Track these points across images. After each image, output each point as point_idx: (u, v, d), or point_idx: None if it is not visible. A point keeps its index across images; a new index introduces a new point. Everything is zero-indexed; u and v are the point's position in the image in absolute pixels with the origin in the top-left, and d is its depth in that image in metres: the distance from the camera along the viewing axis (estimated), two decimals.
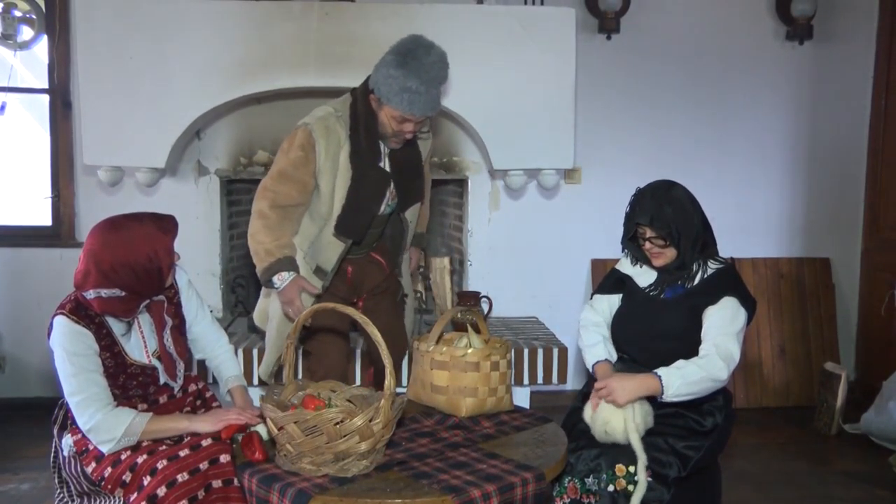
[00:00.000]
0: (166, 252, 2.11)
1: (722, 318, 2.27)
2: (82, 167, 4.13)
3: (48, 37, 4.21)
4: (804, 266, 4.61)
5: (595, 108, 4.40)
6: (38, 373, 4.22)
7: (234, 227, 4.36)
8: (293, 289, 2.65)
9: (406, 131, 2.66)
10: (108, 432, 2.00)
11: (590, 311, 2.56)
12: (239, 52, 3.68)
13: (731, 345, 2.24)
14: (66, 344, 2.03)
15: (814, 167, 4.63)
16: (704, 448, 2.27)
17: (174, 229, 2.16)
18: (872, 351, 4.52)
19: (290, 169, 2.68)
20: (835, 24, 4.51)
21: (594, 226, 4.43)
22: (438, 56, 2.60)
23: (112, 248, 2.05)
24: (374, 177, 2.74)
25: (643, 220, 2.32)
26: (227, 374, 2.43)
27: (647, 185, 2.39)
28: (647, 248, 2.38)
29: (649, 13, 4.41)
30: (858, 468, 3.60)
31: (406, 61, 2.55)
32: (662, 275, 2.42)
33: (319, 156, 2.67)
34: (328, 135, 2.67)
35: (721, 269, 2.37)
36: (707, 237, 2.37)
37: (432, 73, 2.56)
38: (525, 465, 2.00)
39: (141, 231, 2.09)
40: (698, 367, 2.20)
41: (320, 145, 2.66)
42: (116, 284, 2.05)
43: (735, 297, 2.29)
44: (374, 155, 2.72)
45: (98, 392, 2.02)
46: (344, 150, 2.70)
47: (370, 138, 2.70)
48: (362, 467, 1.94)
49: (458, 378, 2.34)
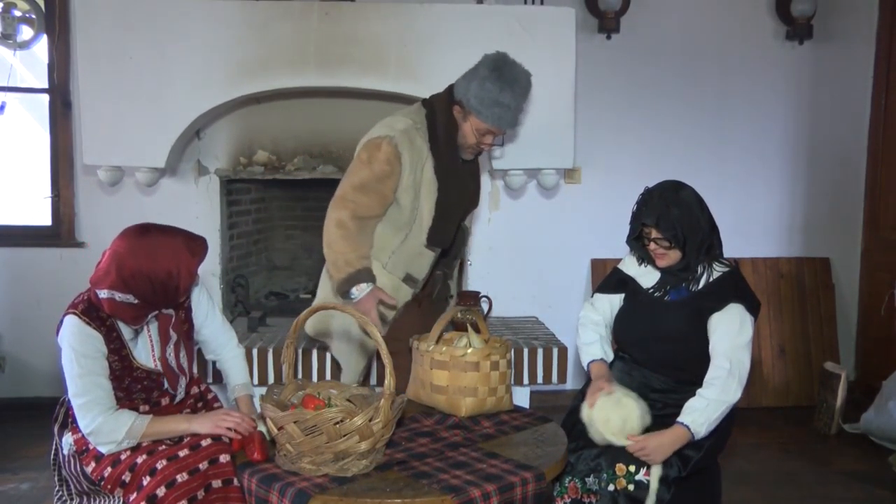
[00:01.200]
0: (188, 273, 2.09)
1: (730, 330, 2.26)
2: (82, 167, 4.13)
3: (48, 36, 4.21)
4: (804, 266, 4.61)
5: (595, 107, 4.40)
6: (37, 373, 4.22)
7: (234, 226, 4.36)
8: (370, 300, 2.57)
9: (485, 143, 2.70)
10: (108, 435, 2.00)
11: (590, 310, 2.56)
12: (239, 52, 3.68)
13: (743, 358, 2.24)
14: (75, 344, 2.02)
15: (814, 166, 4.63)
16: (705, 448, 2.27)
17: (202, 253, 2.14)
18: (872, 350, 4.51)
19: (374, 181, 2.62)
20: (835, 24, 4.51)
21: (594, 225, 4.43)
22: (526, 74, 2.66)
23: (136, 256, 2.04)
24: (458, 187, 2.76)
25: (649, 220, 2.31)
26: (234, 381, 2.43)
27: (656, 185, 2.37)
28: (651, 249, 2.37)
29: (649, 13, 4.41)
30: (858, 468, 3.59)
31: (501, 76, 2.58)
32: (666, 276, 2.41)
33: (405, 169, 2.64)
34: (412, 148, 2.64)
35: (726, 272, 2.36)
36: (713, 240, 2.36)
37: (522, 89, 2.63)
38: (525, 464, 2.00)
39: (170, 245, 2.08)
40: (717, 402, 2.21)
41: (405, 159, 2.63)
42: (132, 291, 2.04)
43: (741, 303, 2.28)
44: (456, 166, 2.75)
45: (102, 396, 2.02)
46: (428, 163, 2.69)
47: (452, 150, 2.71)
48: (362, 467, 1.93)
49: (457, 378, 2.34)
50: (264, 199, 4.72)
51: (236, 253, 4.38)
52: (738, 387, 2.22)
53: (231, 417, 2.11)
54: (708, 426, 2.21)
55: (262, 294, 4.66)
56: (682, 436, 2.20)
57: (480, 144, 2.71)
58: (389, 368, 1.92)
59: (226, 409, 2.20)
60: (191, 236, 2.14)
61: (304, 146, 4.11)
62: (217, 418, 2.10)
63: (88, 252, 4.20)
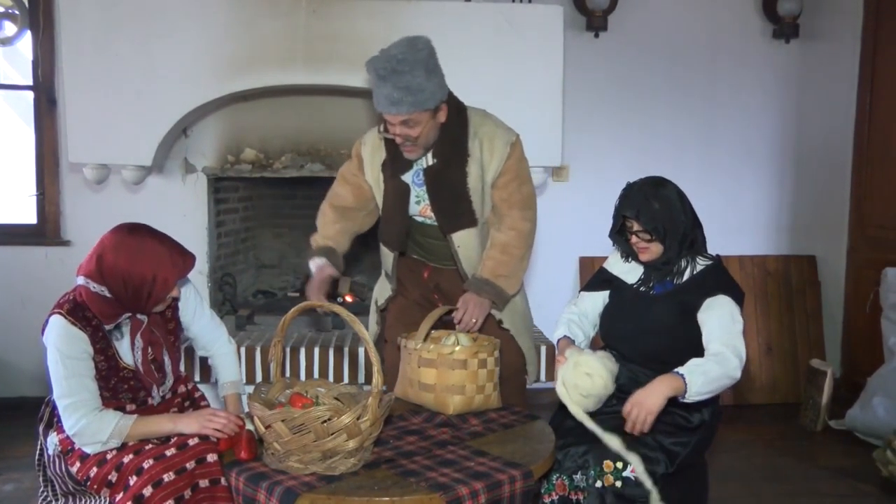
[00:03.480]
0: (164, 284, 2.07)
1: (722, 321, 2.27)
2: (68, 165, 4.10)
3: (32, 33, 4.17)
4: (790, 264, 4.63)
5: (583, 105, 4.41)
6: (22, 372, 4.19)
7: (221, 224, 4.34)
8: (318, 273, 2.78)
9: (395, 134, 2.52)
10: (93, 436, 1.99)
11: (570, 306, 2.59)
12: (226, 49, 3.66)
13: (739, 344, 2.24)
14: (60, 345, 2.01)
15: (800, 165, 4.65)
16: (691, 444, 2.28)
17: (186, 268, 2.12)
18: (858, 348, 4.55)
19: (347, 174, 2.84)
20: (820, 22, 4.54)
21: (582, 223, 4.44)
22: (403, 46, 2.41)
23: (118, 252, 2.03)
24: (393, 187, 2.70)
25: (630, 212, 2.33)
26: (223, 378, 2.42)
27: (638, 179, 2.40)
28: (633, 242, 2.38)
29: (637, 11, 4.42)
30: (844, 464, 3.62)
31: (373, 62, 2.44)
32: (649, 270, 2.43)
33: (365, 165, 2.76)
34: (373, 145, 2.73)
35: (710, 265, 2.38)
36: (696, 235, 2.38)
37: (390, 65, 2.39)
38: (513, 462, 2.00)
39: (154, 252, 2.06)
40: (717, 365, 2.19)
41: (366, 153, 2.75)
42: (106, 285, 2.04)
43: (728, 295, 2.30)
44: (398, 166, 2.67)
45: (87, 398, 2.01)
46: (380, 161, 2.72)
47: (396, 152, 2.65)
48: (350, 465, 1.93)
49: (445, 376, 2.34)
50: (252, 198, 4.71)
51: (224, 251, 4.37)
52: (738, 364, 2.20)
53: (218, 418, 2.09)
54: (702, 387, 2.15)
55: (250, 292, 4.64)
56: (674, 384, 2.15)
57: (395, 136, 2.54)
58: (377, 366, 1.91)
59: (212, 409, 2.18)
60: (180, 250, 2.12)
61: (291, 144, 4.10)
62: (203, 419, 2.08)
63: (74, 251, 4.16)
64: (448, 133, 2.59)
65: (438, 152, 2.61)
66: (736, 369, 2.21)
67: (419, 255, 2.85)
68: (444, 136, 2.59)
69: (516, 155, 2.68)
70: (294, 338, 3.95)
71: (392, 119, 2.48)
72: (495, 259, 2.66)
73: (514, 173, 2.67)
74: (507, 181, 2.66)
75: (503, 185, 2.66)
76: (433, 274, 2.84)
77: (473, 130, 2.64)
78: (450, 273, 2.81)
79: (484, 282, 2.65)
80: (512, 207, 2.68)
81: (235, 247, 4.55)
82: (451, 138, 2.60)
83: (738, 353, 2.22)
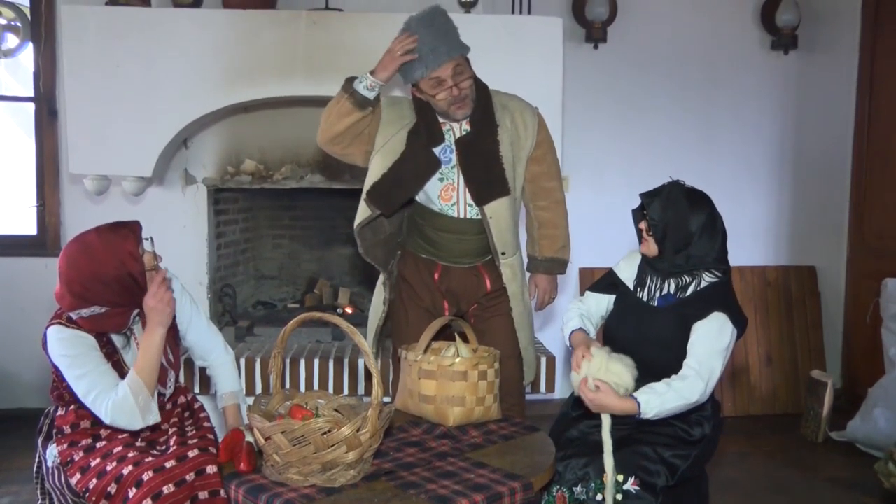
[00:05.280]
0: (132, 257, 2.06)
1: (708, 334, 2.27)
2: (68, 176, 4.10)
3: (34, 44, 4.19)
4: (790, 274, 4.63)
5: (582, 116, 4.41)
6: (21, 383, 4.18)
7: (221, 235, 4.34)
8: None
9: (447, 87, 2.58)
10: (129, 423, 2.03)
11: (576, 301, 2.60)
12: (226, 61, 3.67)
13: (714, 363, 2.24)
14: (64, 350, 2.02)
15: (799, 175, 4.66)
16: (692, 457, 2.28)
17: (133, 234, 2.11)
18: (858, 358, 4.54)
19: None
20: (819, 33, 4.56)
21: (582, 234, 4.41)
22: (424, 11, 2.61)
23: (77, 267, 2.04)
24: (423, 157, 2.67)
25: (646, 199, 2.37)
26: (222, 389, 2.41)
27: (687, 185, 2.40)
28: (641, 227, 2.41)
29: (636, 23, 4.43)
30: (845, 475, 3.61)
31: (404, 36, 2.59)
32: (643, 265, 2.46)
33: (383, 116, 2.70)
34: (394, 107, 2.73)
35: (715, 283, 2.37)
36: (706, 252, 2.35)
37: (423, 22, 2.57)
38: (513, 474, 2.00)
39: (99, 242, 2.06)
40: (677, 394, 2.22)
41: (385, 104, 2.72)
42: (93, 302, 2.03)
43: (725, 312, 2.29)
44: (432, 138, 2.67)
45: (107, 383, 2.03)
46: (406, 126, 2.70)
47: (431, 123, 2.67)
48: (350, 477, 1.93)
49: (445, 387, 2.33)
50: (252, 209, 4.71)
51: (223, 262, 4.37)
52: (704, 389, 2.22)
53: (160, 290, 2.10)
54: (658, 413, 2.21)
55: (250, 303, 4.64)
56: (628, 409, 2.22)
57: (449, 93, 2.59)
58: (377, 378, 1.91)
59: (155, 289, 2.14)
60: (115, 224, 2.13)
61: (291, 155, 4.10)
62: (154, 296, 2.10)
63: None
64: (479, 103, 2.69)
65: (473, 121, 2.69)
66: (701, 394, 2.23)
67: (428, 254, 2.82)
68: (476, 105, 2.68)
69: (545, 126, 2.83)
70: (294, 349, 3.94)
71: (445, 71, 2.56)
72: (550, 236, 2.88)
73: (548, 144, 2.83)
74: (544, 153, 2.81)
75: (541, 158, 2.80)
76: (443, 275, 2.82)
77: (500, 103, 2.75)
78: (460, 272, 2.81)
79: (549, 260, 2.90)
80: (552, 178, 2.85)
81: (235, 258, 4.55)
82: (480, 108, 2.70)
83: (708, 373, 2.23)
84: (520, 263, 2.86)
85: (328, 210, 4.74)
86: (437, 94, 2.60)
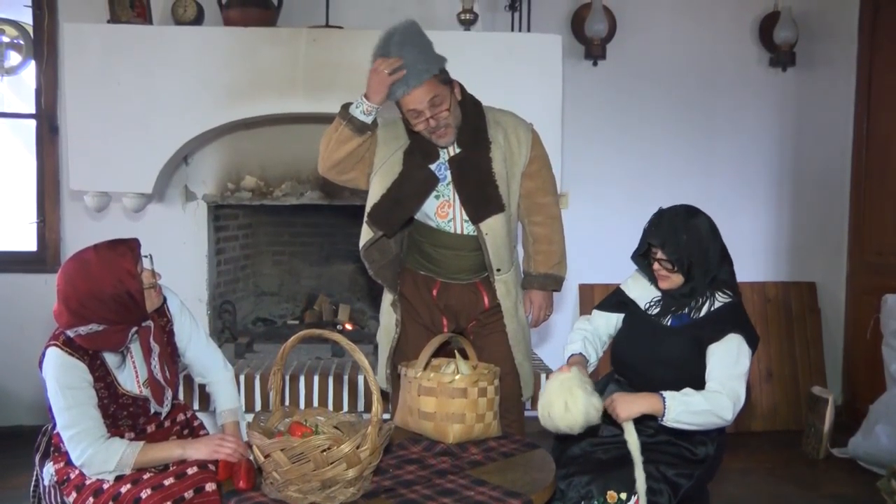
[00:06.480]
0: (129, 275, 2.05)
1: (727, 359, 2.25)
2: (68, 192, 4.11)
3: (36, 62, 4.22)
4: (790, 290, 4.63)
5: (582, 133, 4.43)
6: (20, 401, 4.16)
7: (221, 252, 4.34)
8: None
9: (424, 119, 2.56)
10: (101, 466, 1.98)
11: (583, 321, 2.58)
12: (226, 78, 3.69)
13: (737, 386, 2.22)
14: (59, 376, 2.00)
15: (799, 191, 4.67)
16: (695, 477, 2.26)
17: (131, 252, 2.09)
18: (859, 375, 4.53)
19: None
20: (816, 50, 4.58)
21: (582, 251, 4.42)
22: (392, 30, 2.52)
23: (74, 284, 2.03)
24: (420, 176, 2.68)
25: (656, 241, 2.32)
26: (221, 406, 2.39)
27: (671, 207, 2.37)
28: (655, 269, 2.37)
29: (635, 40, 4.46)
30: (847, 492, 3.59)
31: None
32: (667, 299, 2.40)
33: (378, 138, 2.68)
34: (388, 128, 2.71)
35: (728, 303, 2.36)
36: (721, 270, 2.35)
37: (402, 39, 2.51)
38: (513, 491, 1.99)
39: (96, 260, 2.05)
40: (704, 399, 2.19)
41: (381, 127, 2.69)
42: (91, 320, 2.02)
43: (740, 334, 2.27)
44: (427, 156, 2.68)
45: (91, 426, 2.00)
46: (402, 147, 2.69)
47: (423, 142, 2.67)
48: (349, 495, 1.92)
49: (445, 404, 2.32)
50: (252, 225, 4.72)
51: (223, 279, 4.36)
52: (731, 406, 2.19)
53: (227, 443, 2.08)
54: (682, 416, 2.18)
55: (250, 320, 4.63)
56: (653, 404, 2.20)
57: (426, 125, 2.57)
58: (377, 395, 1.90)
59: (221, 435, 2.16)
60: (114, 242, 2.10)
61: (291, 172, 4.11)
62: (213, 444, 2.07)
63: None
64: (469, 122, 2.68)
65: (462, 141, 2.68)
66: (726, 411, 2.19)
67: (427, 271, 2.81)
68: (465, 126, 2.66)
69: (539, 141, 2.81)
70: (294, 366, 3.93)
71: (418, 100, 2.52)
72: (545, 252, 2.85)
73: (543, 160, 2.82)
74: (538, 168, 2.80)
75: (535, 173, 2.79)
76: (442, 291, 2.81)
77: (493, 119, 2.74)
78: (459, 288, 2.81)
79: (544, 276, 2.86)
80: (547, 194, 2.83)
81: (235, 274, 4.55)
82: (471, 126, 2.68)
83: (733, 395, 2.21)
84: (514, 280, 2.84)
85: (328, 227, 4.74)
86: (416, 125, 2.60)
